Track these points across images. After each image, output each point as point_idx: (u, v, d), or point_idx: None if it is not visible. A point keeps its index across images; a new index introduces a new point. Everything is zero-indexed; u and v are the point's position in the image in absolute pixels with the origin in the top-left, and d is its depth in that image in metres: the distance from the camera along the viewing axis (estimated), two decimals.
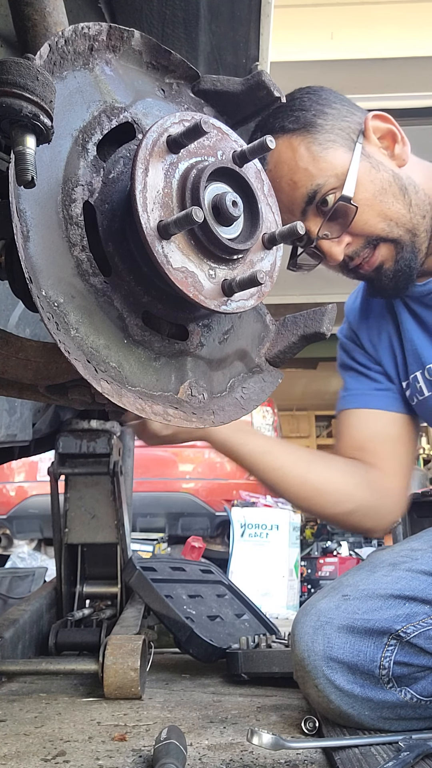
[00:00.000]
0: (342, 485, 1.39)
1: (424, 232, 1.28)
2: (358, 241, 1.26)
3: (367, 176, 1.24)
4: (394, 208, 1.25)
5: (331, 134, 1.25)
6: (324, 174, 1.23)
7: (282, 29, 2.46)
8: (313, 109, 1.26)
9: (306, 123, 1.25)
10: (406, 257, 1.27)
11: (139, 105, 0.79)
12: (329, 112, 1.27)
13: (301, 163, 1.24)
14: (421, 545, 1.25)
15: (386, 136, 1.29)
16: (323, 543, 5.13)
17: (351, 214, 1.23)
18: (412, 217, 1.26)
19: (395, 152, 1.29)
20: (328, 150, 1.24)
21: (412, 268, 1.28)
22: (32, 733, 1.19)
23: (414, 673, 1.12)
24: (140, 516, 4.62)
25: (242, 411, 0.86)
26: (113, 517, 2.06)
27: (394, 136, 1.29)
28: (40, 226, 0.67)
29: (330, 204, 1.23)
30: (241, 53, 1.39)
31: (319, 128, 1.25)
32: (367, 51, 3.82)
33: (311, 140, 1.24)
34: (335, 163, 1.23)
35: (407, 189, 1.27)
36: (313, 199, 1.24)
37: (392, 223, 1.25)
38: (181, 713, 1.33)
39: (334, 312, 0.90)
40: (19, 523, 4.92)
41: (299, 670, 1.14)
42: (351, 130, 1.27)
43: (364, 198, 1.23)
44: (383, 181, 1.25)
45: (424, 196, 1.29)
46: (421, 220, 1.27)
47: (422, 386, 1.36)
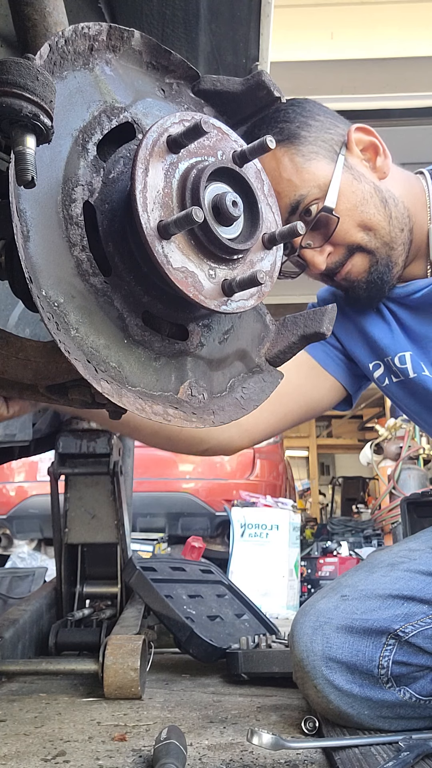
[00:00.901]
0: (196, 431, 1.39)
1: (402, 245, 1.30)
2: (339, 251, 1.29)
3: (349, 187, 1.26)
4: (374, 219, 1.27)
5: (315, 146, 1.27)
6: (307, 185, 1.25)
7: (282, 29, 2.46)
8: (297, 121, 1.28)
9: (290, 135, 1.26)
10: (380, 270, 1.29)
11: (139, 105, 0.79)
12: (313, 124, 1.28)
13: (285, 174, 1.26)
14: (420, 545, 1.25)
15: (368, 149, 1.31)
16: (323, 543, 5.13)
17: (333, 225, 1.25)
18: (391, 230, 1.28)
19: (377, 164, 1.31)
20: (311, 161, 1.26)
21: (384, 282, 1.30)
22: (32, 733, 1.19)
23: (413, 673, 1.12)
24: (140, 516, 4.62)
25: (242, 411, 0.86)
26: (113, 517, 2.06)
27: (376, 148, 1.31)
28: (40, 226, 0.67)
29: (313, 214, 1.25)
30: (241, 53, 1.39)
31: (303, 140, 1.26)
32: (367, 51, 3.82)
33: (295, 151, 1.26)
34: (318, 174, 1.25)
35: (387, 201, 1.29)
36: (296, 209, 1.26)
37: (371, 234, 1.28)
38: (181, 713, 1.33)
39: (334, 312, 0.90)
40: (19, 523, 4.92)
41: (298, 670, 1.14)
42: (334, 142, 1.28)
43: (345, 209, 1.25)
44: (365, 192, 1.27)
45: (403, 208, 1.30)
46: (399, 233, 1.29)
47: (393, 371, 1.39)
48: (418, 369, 1.33)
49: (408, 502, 2.54)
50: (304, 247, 1.28)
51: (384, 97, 4.00)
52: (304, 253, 1.29)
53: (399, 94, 4.03)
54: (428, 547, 1.24)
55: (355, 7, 3.77)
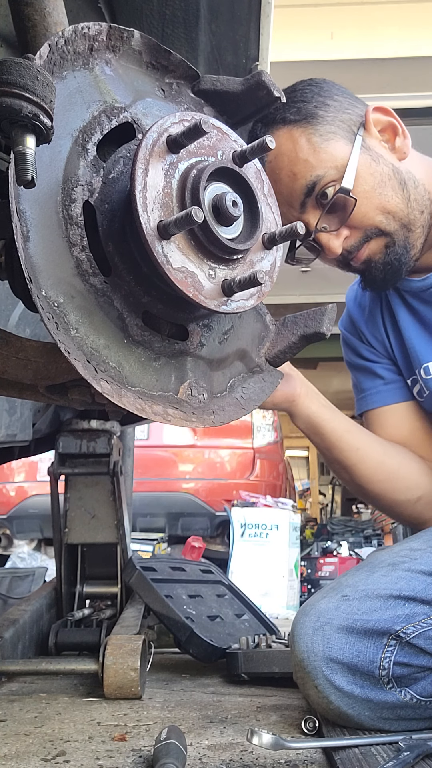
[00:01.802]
0: (413, 471, 1.38)
1: (420, 227, 1.27)
2: (356, 234, 1.26)
3: (367, 169, 1.23)
4: (392, 201, 1.24)
5: (332, 126, 1.24)
6: (324, 165, 1.22)
7: (282, 29, 2.46)
8: (315, 101, 1.25)
9: (307, 114, 1.24)
10: (397, 251, 1.26)
11: (139, 105, 0.79)
12: (331, 104, 1.26)
13: (302, 155, 1.23)
14: (421, 545, 1.25)
15: (387, 129, 1.29)
16: (323, 543, 5.13)
17: (350, 207, 1.22)
18: (410, 212, 1.26)
19: (396, 145, 1.28)
20: (328, 141, 1.23)
21: (401, 263, 1.27)
22: (32, 733, 1.19)
23: (414, 674, 1.12)
24: (140, 516, 4.62)
25: (242, 411, 0.86)
26: (113, 517, 2.06)
27: (395, 129, 1.29)
28: (40, 226, 0.67)
29: (329, 196, 1.22)
30: (241, 53, 1.39)
31: (320, 120, 1.24)
32: (367, 51, 3.81)
33: (312, 131, 1.23)
34: (335, 155, 1.23)
35: (406, 183, 1.26)
36: (312, 190, 1.23)
37: (390, 217, 1.25)
38: (181, 713, 1.33)
39: (334, 312, 0.90)
40: (19, 523, 4.92)
41: (299, 671, 1.14)
42: (352, 122, 1.26)
43: (363, 191, 1.22)
44: (383, 174, 1.24)
45: (424, 191, 1.28)
46: (418, 215, 1.27)
47: (423, 385, 1.36)
48: None
49: None
50: (320, 231, 1.25)
51: (384, 97, 3.99)
52: (319, 237, 1.25)
53: (399, 94, 4.03)
54: (429, 546, 1.23)
55: (355, 7, 3.77)
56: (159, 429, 4.92)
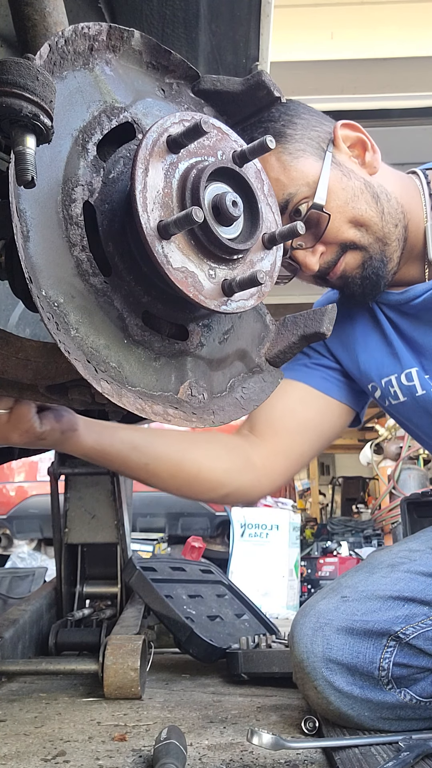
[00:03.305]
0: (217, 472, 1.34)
1: (396, 240, 1.27)
2: (331, 250, 1.26)
3: (339, 184, 1.23)
4: (366, 215, 1.24)
5: (301, 143, 1.24)
6: (295, 183, 1.23)
7: (282, 29, 2.46)
8: (282, 120, 1.25)
9: (276, 133, 1.24)
10: (374, 265, 1.26)
11: (139, 105, 0.79)
12: (298, 122, 1.26)
13: (272, 174, 1.23)
14: (420, 546, 1.25)
15: (356, 145, 1.29)
16: (323, 543, 5.13)
17: (324, 223, 1.22)
18: (384, 225, 1.26)
19: (366, 160, 1.28)
20: (298, 159, 1.23)
21: (379, 277, 1.27)
22: (32, 733, 1.19)
23: (413, 675, 1.12)
24: (140, 516, 4.62)
25: (242, 411, 0.86)
26: (113, 517, 2.06)
27: (364, 144, 1.29)
28: (40, 226, 0.67)
29: (303, 213, 1.22)
30: (241, 53, 1.39)
31: (289, 138, 1.24)
32: (367, 51, 3.81)
33: (281, 150, 1.23)
34: (306, 172, 1.23)
35: (379, 197, 1.26)
36: (285, 208, 1.24)
37: (363, 230, 1.25)
38: (181, 713, 1.33)
39: (334, 312, 0.90)
40: (19, 523, 4.92)
41: (298, 671, 1.14)
42: (321, 139, 1.26)
43: (336, 205, 1.23)
44: (355, 189, 1.24)
45: (397, 204, 1.28)
46: (393, 228, 1.27)
47: (397, 391, 1.35)
48: (427, 386, 1.30)
49: (408, 502, 2.54)
50: (296, 248, 1.26)
51: (384, 97, 3.99)
52: (295, 255, 1.26)
53: (399, 94, 4.03)
54: (428, 547, 1.23)
55: (355, 7, 3.77)
56: None
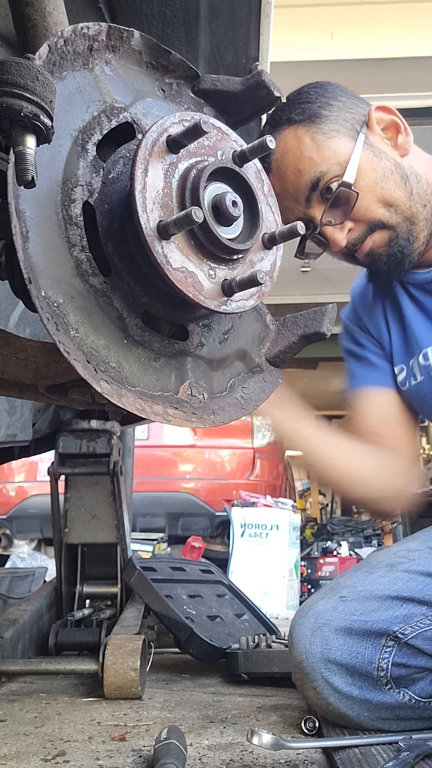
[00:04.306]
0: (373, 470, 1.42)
1: (423, 220, 1.31)
2: (359, 227, 1.29)
3: (369, 164, 1.27)
4: (395, 194, 1.28)
5: (335, 125, 1.28)
6: (327, 162, 1.26)
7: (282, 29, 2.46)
8: (319, 102, 1.29)
9: (311, 114, 1.28)
10: (400, 243, 1.30)
11: (139, 105, 0.79)
12: (334, 104, 1.30)
13: (306, 152, 1.27)
14: (418, 546, 1.25)
15: (389, 127, 1.33)
16: (323, 543, 5.13)
17: (352, 200, 1.26)
18: (412, 205, 1.29)
19: (398, 142, 1.32)
20: (331, 139, 1.27)
21: (404, 255, 1.30)
22: (32, 733, 1.19)
23: (412, 675, 1.12)
24: (140, 516, 4.62)
25: (242, 411, 0.86)
26: (113, 517, 2.06)
27: (398, 126, 1.33)
28: (40, 226, 0.67)
29: (333, 191, 1.26)
30: (241, 53, 1.39)
31: (324, 119, 1.28)
32: (367, 51, 3.82)
33: (316, 130, 1.27)
34: (338, 152, 1.26)
35: (408, 177, 1.30)
36: (317, 186, 1.27)
37: (392, 209, 1.28)
38: (181, 713, 1.33)
39: (334, 312, 0.90)
40: (19, 523, 4.92)
41: (297, 672, 1.14)
42: (355, 121, 1.30)
43: (365, 184, 1.26)
44: (385, 169, 1.28)
45: (426, 185, 1.32)
46: (421, 208, 1.30)
47: (416, 371, 1.38)
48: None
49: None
50: (325, 225, 1.29)
51: (384, 97, 3.99)
52: (324, 231, 1.30)
53: (399, 94, 4.03)
54: (427, 547, 1.23)
55: (355, 7, 3.77)
56: (159, 429, 4.92)
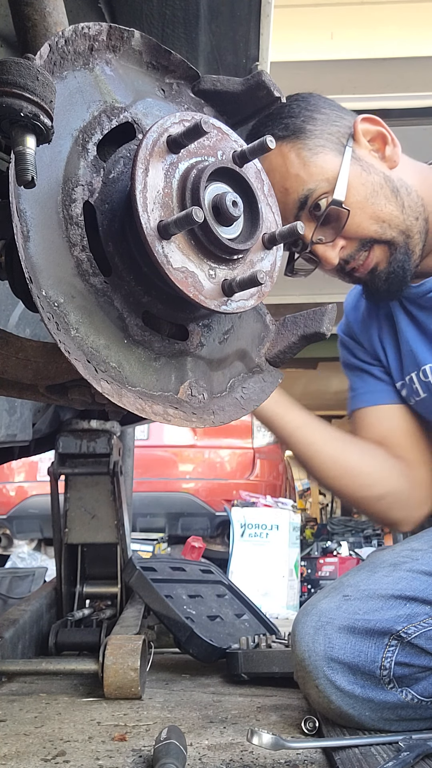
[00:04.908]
0: (375, 469, 1.38)
1: (418, 233, 1.28)
2: (352, 245, 1.26)
3: (358, 179, 1.24)
4: (386, 209, 1.25)
5: (321, 139, 1.25)
6: (315, 179, 1.23)
7: (282, 29, 2.46)
8: (302, 116, 1.26)
9: (295, 129, 1.25)
10: (399, 258, 1.27)
11: (139, 105, 0.79)
12: (318, 118, 1.27)
13: (292, 169, 1.24)
14: (422, 545, 1.25)
15: (376, 139, 1.29)
16: (323, 543, 5.13)
17: (343, 218, 1.23)
18: (405, 219, 1.26)
19: (386, 154, 1.29)
20: (318, 155, 1.24)
21: (405, 270, 1.28)
22: (32, 733, 1.19)
23: (415, 674, 1.12)
24: (140, 516, 4.62)
25: (242, 411, 0.86)
26: (113, 517, 2.06)
27: (384, 138, 1.29)
28: (40, 226, 0.67)
29: (322, 208, 1.23)
30: (241, 53, 1.39)
31: (309, 134, 1.25)
32: (367, 51, 3.81)
33: (301, 146, 1.24)
34: (325, 168, 1.24)
35: (399, 190, 1.27)
36: (305, 204, 1.24)
37: (385, 225, 1.25)
38: (181, 713, 1.33)
39: (334, 312, 0.90)
40: (19, 523, 4.92)
41: (300, 670, 1.14)
42: (340, 134, 1.27)
43: (355, 201, 1.23)
44: (374, 184, 1.25)
45: (417, 197, 1.28)
46: (414, 221, 1.27)
47: (418, 388, 1.36)
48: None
49: None
50: (316, 243, 1.26)
51: (384, 97, 3.99)
52: (315, 249, 1.27)
53: (399, 94, 4.03)
54: (430, 547, 1.23)
55: (355, 7, 3.76)
56: (159, 429, 4.92)
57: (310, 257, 1.30)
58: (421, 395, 1.36)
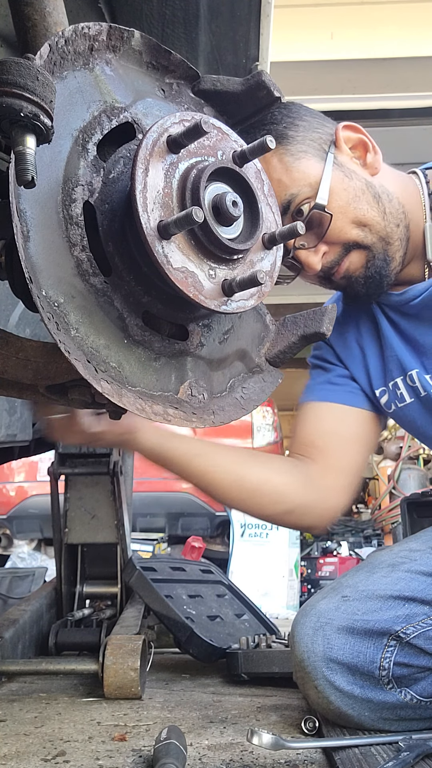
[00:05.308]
0: (280, 485, 1.35)
1: (398, 240, 1.28)
2: (334, 250, 1.27)
3: (340, 184, 1.24)
4: (368, 215, 1.25)
5: (303, 145, 1.25)
6: (297, 184, 1.24)
7: (282, 29, 2.46)
8: (284, 122, 1.26)
9: (277, 135, 1.25)
10: (377, 264, 1.27)
11: (139, 105, 0.79)
12: (300, 124, 1.27)
13: (275, 175, 1.24)
14: (420, 546, 1.25)
15: (358, 146, 1.30)
16: (323, 543, 5.12)
17: (326, 223, 1.23)
18: (386, 225, 1.26)
19: (367, 161, 1.29)
20: (300, 160, 1.24)
21: (382, 276, 1.28)
22: (32, 733, 1.19)
23: (414, 674, 1.12)
24: (140, 516, 4.62)
25: (242, 411, 0.86)
26: (113, 517, 2.06)
27: (366, 145, 1.30)
28: (41, 226, 0.67)
29: (305, 213, 1.23)
30: (241, 53, 1.39)
31: (291, 140, 1.25)
32: (367, 51, 3.81)
33: (283, 151, 1.24)
34: (308, 173, 1.24)
35: (381, 197, 1.27)
36: (288, 209, 1.24)
37: (366, 230, 1.26)
38: (181, 713, 1.33)
39: (334, 312, 0.90)
40: (19, 523, 4.92)
41: (299, 671, 1.14)
42: (322, 141, 1.27)
43: (338, 206, 1.23)
44: (356, 189, 1.25)
45: (398, 204, 1.29)
46: (395, 228, 1.27)
47: (403, 393, 1.36)
48: (428, 386, 1.30)
49: (408, 502, 2.54)
50: (298, 248, 1.26)
51: (384, 97, 3.99)
52: (298, 255, 1.27)
53: (399, 94, 4.02)
54: (429, 547, 1.23)
55: (355, 7, 3.76)
56: None
57: (292, 263, 1.30)
58: (407, 400, 1.36)
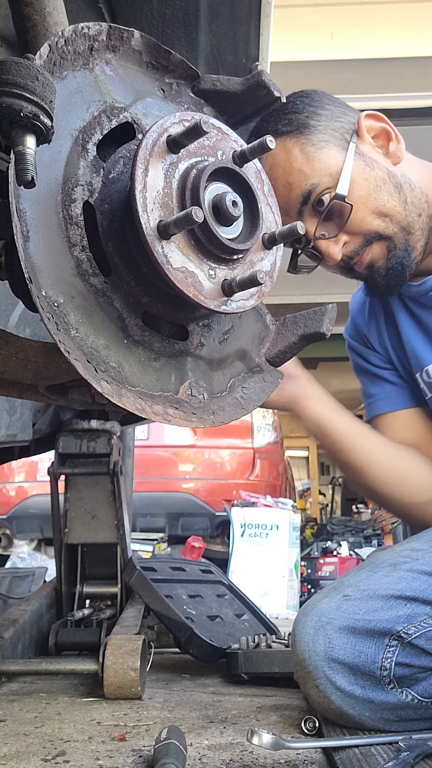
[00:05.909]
0: (423, 475, 1.37)
1: (419, 230, 1.28)
2: (355, 240, 1.26)
3: (362, 174, 1.24)
4: (389, 205, 1.25)
5: (324, 135, 1.25)
6: (318, 174, 1.23)
7: (282, 29, 2.46)
8: (306, 112, 1.26)
9: (299, 125, 1.25)
10: (398, 255, 1.27)
11: (139, 105, 0.79)
12: (322, 114, 1.27)
13: (296, 164, 1.24)
14: (422, 545, 1.25)
15: (380, 135, 1.30)
16: (323, 543, 5.13)
17: (346, 213, 1.23)
18: (407, 215, 1.26)
19: (390, 150, 1.29)
20: (321, 150, 1.24)
21: (404, 266, 1.28)
22: (32, 733, 1.19)
23: (415, 674, 1.12)
24: (140, 516, 4.62)
25: (242, 411, 0.86)
26: (113, 517, 2.06)
27: (388, 134, 1.29)
28: (40, 226, 0.67)
29: (325, 203, 1.23)
30: (241, 53, 1.39)
31: (312, 129, 1.25)
32: (367, 51, 3.81)
33: (305, 141, 1.25)
34: (329, 163, 1.24)
35: (402, 186, 1.27)
36: (308, 199, 1.24)
37: (387, 220, 1.25)
38: (181, 713, 1.33)
39: (334, 312, 0.90)
40: (19, 523, 4.92)
41: (300, 670, 1.14)
42: (344, 130, 1.27)
43: (358, 196, 1.23)
44: (378, 179, 1.25)
45: (421, 194, 1.28)
46: (416, 218, 1.27)
47: (425, 388, 1.36)
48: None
49: None
50: (319, 238, 1.26)
51: (384, 97, 3.99)
52: (318, 245, 1.27)
53: (399, 94, 4.03)
54: (431, 546, 1.23)
55: (355, 7, 3.76)
56: (159, 429, 4.92)
57: (313, 253, 1.30)
58: (428, 395, 1.36)
